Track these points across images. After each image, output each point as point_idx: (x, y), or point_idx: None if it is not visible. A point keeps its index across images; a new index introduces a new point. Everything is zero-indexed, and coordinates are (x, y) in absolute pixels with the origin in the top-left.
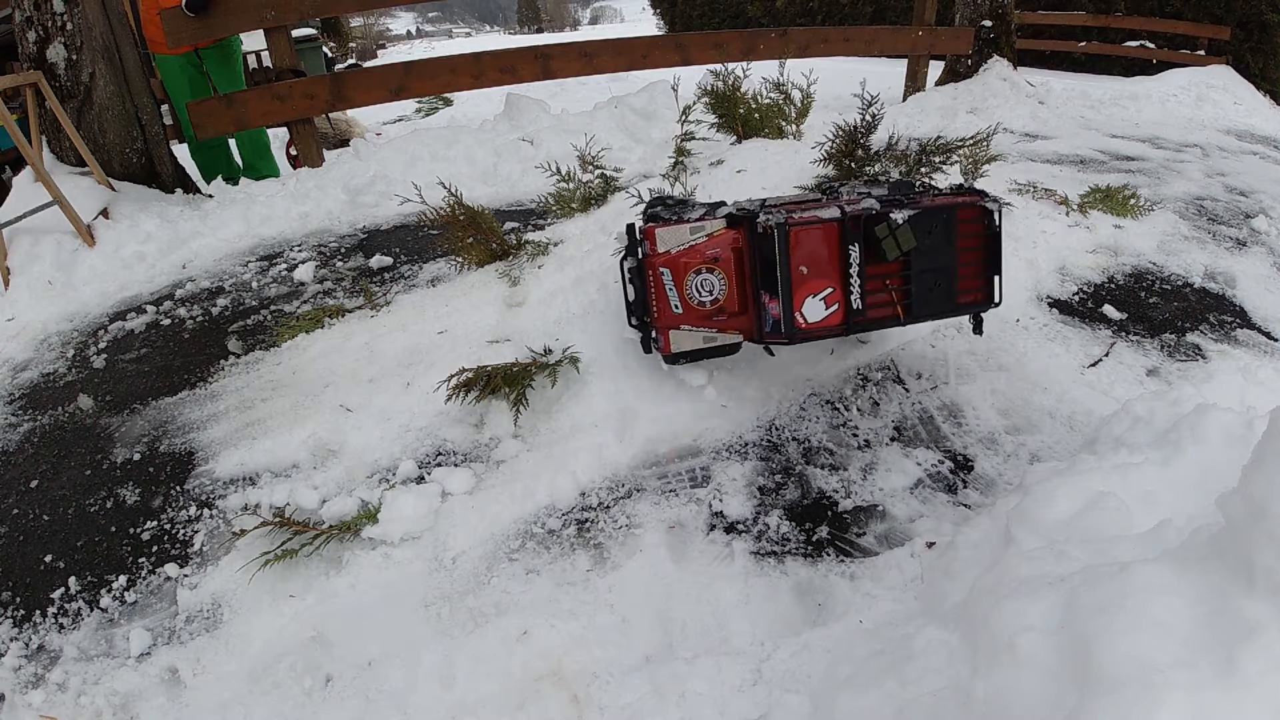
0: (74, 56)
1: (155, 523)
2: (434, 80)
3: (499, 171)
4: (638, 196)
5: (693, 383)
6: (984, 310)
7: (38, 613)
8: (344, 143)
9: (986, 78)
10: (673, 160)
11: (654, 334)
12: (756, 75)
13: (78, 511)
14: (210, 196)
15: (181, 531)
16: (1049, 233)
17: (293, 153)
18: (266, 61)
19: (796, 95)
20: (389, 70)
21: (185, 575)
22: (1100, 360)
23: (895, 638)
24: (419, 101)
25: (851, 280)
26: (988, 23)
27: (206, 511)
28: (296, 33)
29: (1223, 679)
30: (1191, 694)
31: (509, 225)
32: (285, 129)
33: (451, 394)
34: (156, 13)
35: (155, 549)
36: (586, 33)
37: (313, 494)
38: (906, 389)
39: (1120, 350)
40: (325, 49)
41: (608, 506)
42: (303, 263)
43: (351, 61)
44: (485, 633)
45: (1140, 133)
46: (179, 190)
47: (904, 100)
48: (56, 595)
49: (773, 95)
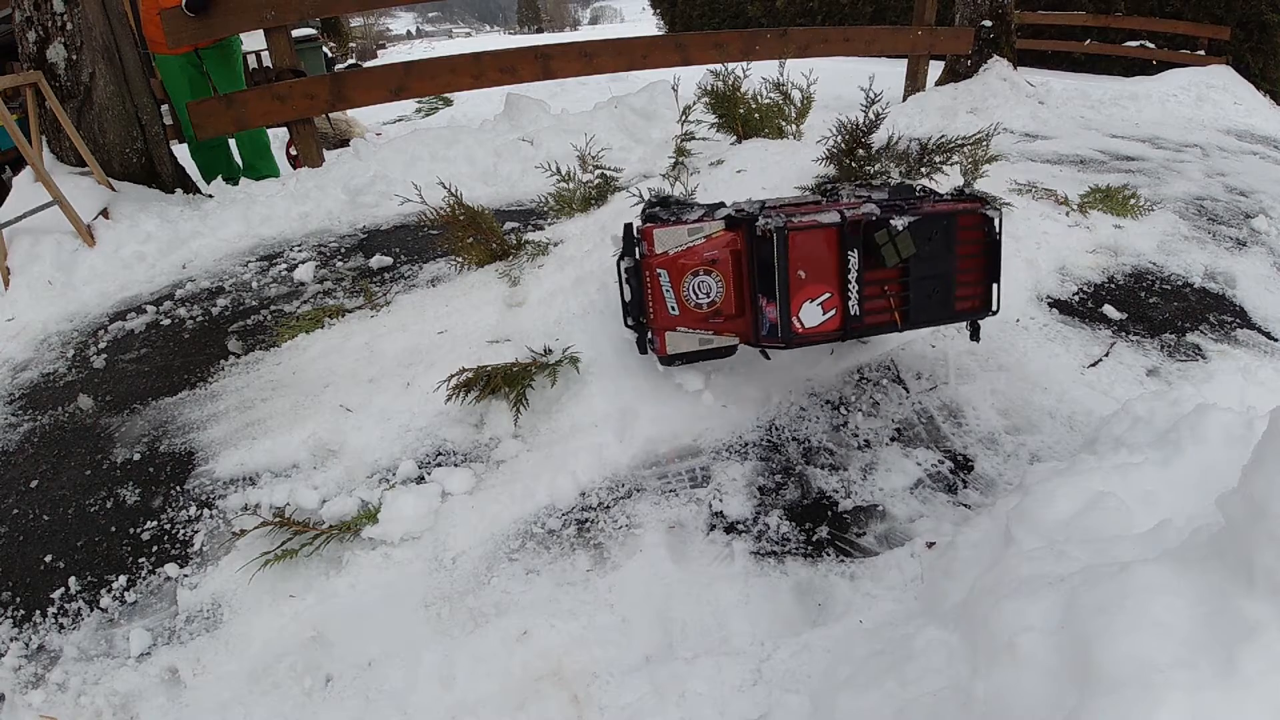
0: (74, 56)
1: (155, 523)
2: (434, 80)
3: (499, 171)
4: (638, 196)
5: (690, 386)
6: (981, 318)
7: (38, 613)
8: (344, 143)
9: (986, 78)
10: (673, 160)
11: (649, 335)
12: (756, 75)
13: (78, 511)
14: (210, 196)
15: (181, 531)
16: (1049, 233)
17: (293, 153)
18: (266, 61)
19: (796, 95)
20: (389, 70)
21: (185, 575)
22: (1100, 360)
23: (895, 638)
24: (419, 101)
25: (850, 286)
26: (988, 23)
27: (206, 511)
28: (296, 33)
29: (1223, 679)
30: (1191, 694)
31: (509, 225)
32: (285, 129)
33: (451, 394)
34: (156, 13)
35: (155, 549)
36: (586, 33)
37: (313, 494)
38: (906, 389)
39: (1120, 350)
40: (325, 49)
41: (608, 506)
42: (303, 263)
43: (351, 61)
44: (485, 633)
45: (1140, 133)
46: (179, 190)
47: (904, 100)
48: (56, 595)
49: (773, 95)
